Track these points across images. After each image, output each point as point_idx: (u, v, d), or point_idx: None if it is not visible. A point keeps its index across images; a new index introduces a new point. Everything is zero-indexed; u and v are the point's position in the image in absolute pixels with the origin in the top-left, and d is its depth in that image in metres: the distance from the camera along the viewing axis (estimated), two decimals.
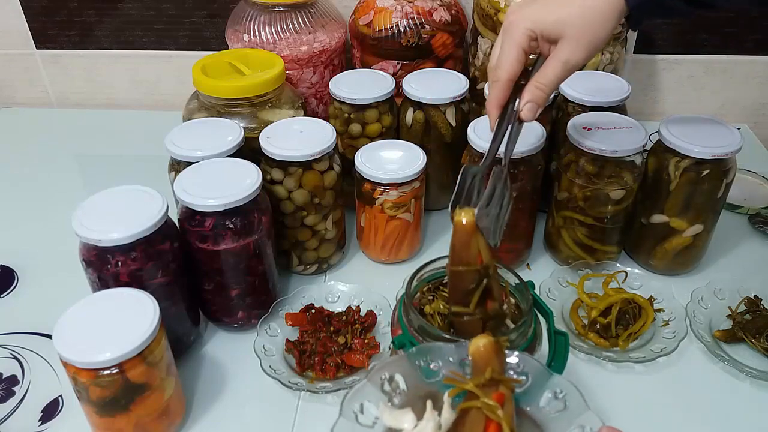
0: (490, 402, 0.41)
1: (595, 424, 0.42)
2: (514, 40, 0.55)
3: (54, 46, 1.11)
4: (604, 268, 0.74)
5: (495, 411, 0.40)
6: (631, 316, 0.67)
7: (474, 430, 0.40)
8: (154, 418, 0.55)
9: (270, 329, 0.67)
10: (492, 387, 0.42)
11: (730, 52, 1.03)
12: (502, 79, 0.55)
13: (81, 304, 0.55)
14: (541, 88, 0.55)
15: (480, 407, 0.41)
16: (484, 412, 0.40)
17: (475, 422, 0.40)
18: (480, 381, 0.42)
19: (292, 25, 0.87)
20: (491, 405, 0.40)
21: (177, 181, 0.63)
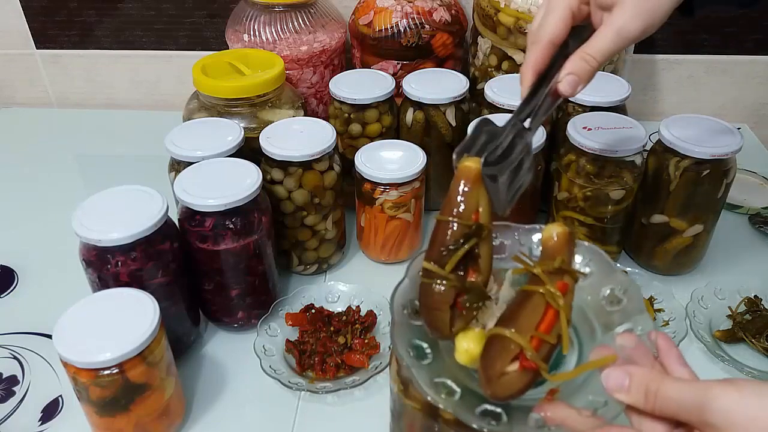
0: (553, 290, 0.41)
1: (647, 325, 0.43)
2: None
3: (54, 46, 1.11)
4: None
5: (557, 299, 0.40)
6: None
7: (533, 313, 0.41)
8: (154, 418, 0.55)
9: (270, 329, 0.67)
10: (558, 275, 0.42)
11: (730, 52, 1.03)
12: (543, 40, 0.49)
13: (81, 304, 0.55)
14: (588, 59, 0.48)
15: (542, 293, 0.41)
16: (546, 298, 0.41)
17: (535, 306, 0.41)
18: (548, 267, 0.42)
19: (292, 25, 0.87)
20: (554, 293, 0.41)
21: (177, 181, 0.63)
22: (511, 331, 0.40)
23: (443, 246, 0.42)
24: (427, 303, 0.42)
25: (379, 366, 0.62)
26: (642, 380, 0.38)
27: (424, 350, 0.43)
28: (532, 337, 0.40)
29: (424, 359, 0.43)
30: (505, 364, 0.39)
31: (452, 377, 0.42)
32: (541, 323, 0.40)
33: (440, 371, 0.42)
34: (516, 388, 0.39)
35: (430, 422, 0.47)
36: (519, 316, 0.41)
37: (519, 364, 0.39)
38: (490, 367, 0.39)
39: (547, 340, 0.40)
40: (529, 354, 0.39)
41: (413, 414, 0.48)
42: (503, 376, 0.39)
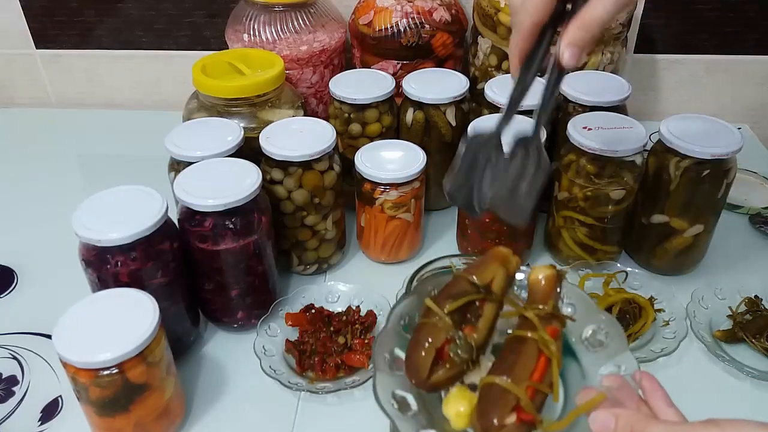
0: (547, 337, 0.41)
1: (631, 365, 0.43)
2: None
3: (54, 46, 1.11)
4: (605, 268, 0.74)
5: (549, 346, 0.40)
6: (632, 316, 0.67)
7: (527, 361, 0.40)
8: (154, 418, 0.55)
9: (270, 329, 0.67)
10: (547, 320, 0.42)
11: (730, 52, 1.03)
12: (526, 23, 0.46)
13: (81, 304, 0.55)
14: (586, 27, 0.44)
15: (536, 339, 0.41)
16: (539, 345, 0.41)
17: (528, 354, 0.41)
18: (540, 312, 0.42)
19: (292, 24, 0.87)
20: (547, 340, 0.40)
21: (177, 181, 0.63)
22: (507, 381, 0.39)
23: (450, 295, 0.44)
24: (415, 339, 0.42)
25: None
26: (627, 422, 0.38)
27: (407, 401, 0.43)
28: (527, 387, 0.40)
29: (407, 411, 0.42)
30: (504, 416, 0.39)
31: (438, 429, 0.42)
32: (534, 372, 0.40)
33: (425, 424, 0.42)
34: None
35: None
36: (514, 365, 0.40)
37: (516, 416, 0.39)
38: (487, 419, 0.39)
39: (541, 390, 0.40)
40: (525, 406, 0.39)
41: None
42: (502, 428, 0.38)
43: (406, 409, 0.42)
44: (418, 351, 0.41)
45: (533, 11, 0.46)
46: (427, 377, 0.41)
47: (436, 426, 0.41)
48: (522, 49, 0.47)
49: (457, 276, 0.45)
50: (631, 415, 0.38)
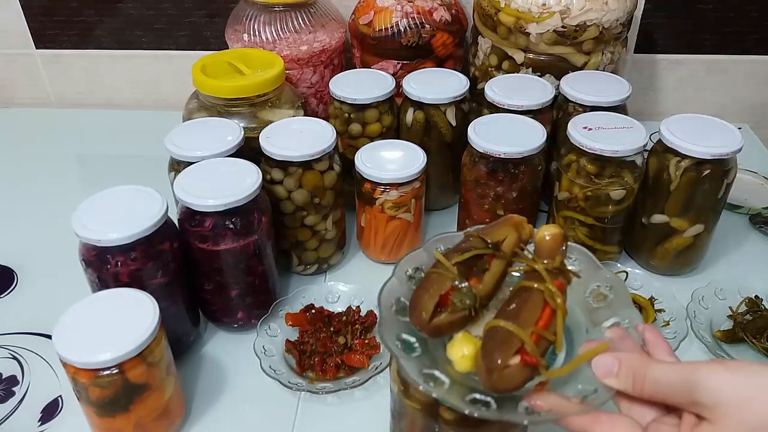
0: (553, 288, 0.42)
1: (634, 319, 0.44)
2: None
3: (54, 46, 1.11)
4: None
5: (555, 298, 0.41)
6: None
7: (532, 310, 0.41)
8: (154, 418, 0.55)
9: (270, 329, 0.67)
10: (554, 275, 0.43)
11: (730, 52, 1.03)
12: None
13: (81, 304, 0.55)
14: None
15: (542, 290, 0.42)
16: (545, 296, 0.41)
17: (534, 303, 0.41)
18: (548, 266, 0.43)
19: (292, 24, 0.87)
20: (553, 291, 0.41)
21: (177, 181, 0.63)
22: (513, 325, 0.40)
23: (459, 250, 0.45)
24: (421, 287, 0.44)
25: (380, 366, 0.62)
26: (630, 365, 0.39)
27: (412, 344, 0.43)
28: (532, 333, 0.40)
29: (412, 352, 0.43)
30: (508, 357, 0.39)
31: (441, 370, 0.42)
32: (539, 320, 0.41)
33: (429, 364, 0.42)
34: (516, 382, 0.39)
35: (430, 422, 0.47)
36: (519, 311, 0.41)
37: (520, 358, 0.39)
38: (491, 359, 0.39)
39: (545, 337, 0.40)
40: (529, 349, 0.39)
41: (413, 414, 0.48)
42: (505, 369, 0.39)
43: (411, 350, 0.43)
44: (422, 295, 0.43)
45: None
46: (430, 320, 0.42)
47: (440, 368, 0.42)
48: None
49: (469, 234, 0.46)
50: (634, 358, 0.39)
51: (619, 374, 0.39)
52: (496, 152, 0.69)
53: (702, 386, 0.36)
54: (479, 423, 0.47)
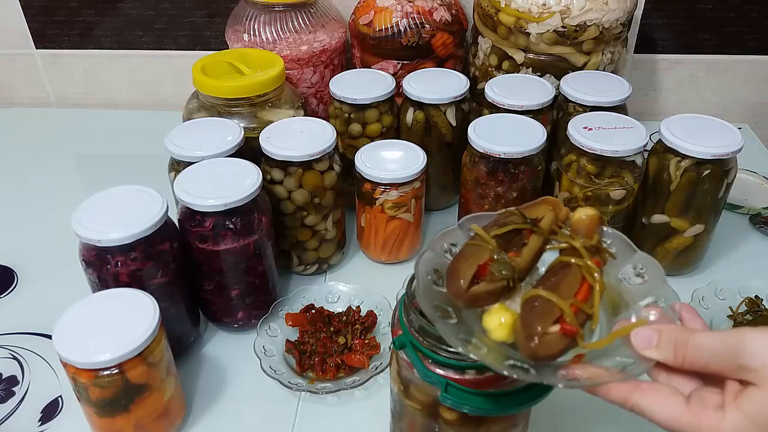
0: (591, 264, 0.42)
1: (670, 297, 0.44)
2: None
3: (54, 46, 1.11)
4: None
5: (593, 273, 0.42)
6: None
7: (571, 283, 0.41)
8: (154, 418, 0.55)
9: (270, 329, 0.67)
10: (591, 253, 0.43)
11: (730, 52, 1.03)
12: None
13: (81, 304, 0.55)
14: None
15: (580, 265, 0.42)
16: (583, 271, 0.42)
17: (573, 277, 0.42)
18: (586, 243, 0.44)
19: (292, 24, 0.87)
20: (591, 267, 0.42)
21: (177, 181, 0.63)
22: (553, 295, 0.40)
23: (497, 224, 0.45)
24: (459, 256, 0.43)
25: (380, 366, 0.62)
26: (671, 335, 0.39)
27: (449, 312, 0.43)
28: (571, 305, 0.40)
29: (449, 320, 0.42)
30: (548, 324, 0.39)
31: (477, 338, 0.42)
32: (577, 294, 0.41)
33: (465, 332, 0.42)
34: (554, 349, 0.39)
35: (431, 422, 0.47)
36: (559, 283, 0.41)
37: (560, 327, 0.39)
38: (532, 325, 0.39)
39: (584, 310, 0.41)
40: (569, 319, 0.39)
41: (413, 414, 0.48)
42: (545, 336, 0.39)
43: (448, 317, 0.42)
44: (461, 264, 0.42)
45: None
46: (467, 288, 0.41)
47: (476, 337, 0.42)
48: None
49: (507, 211, 0.47)
50: (674, 329, 0.39)
51: (659, 344, 0.39)
52: (496, 152, 0.69)
53: (748, 349, 0.36)
54: (479, 422, 0.47)
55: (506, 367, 0.38)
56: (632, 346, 0.40)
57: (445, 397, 0.43)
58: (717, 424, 0.36)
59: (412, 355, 0.45)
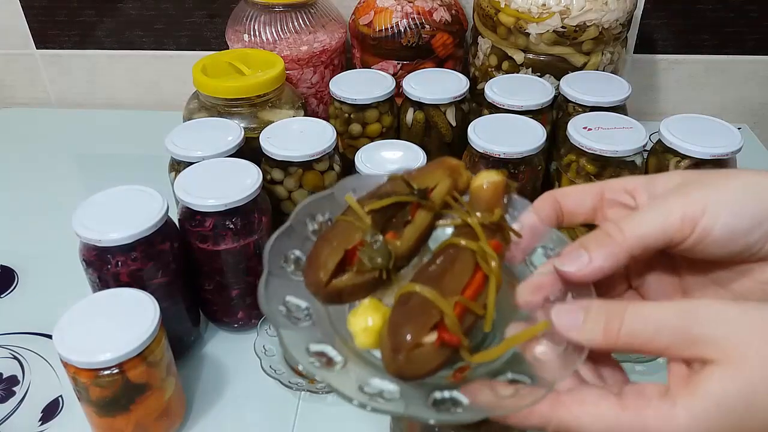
0: (488, 249, 0.33)
1: (558, 243, 0.38)
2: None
3: (54, 46, 1.11)
4: None
5: (489, 260, 0.33)
6: None
7: (459, 274, 0.32)
8: (155, 418, 0.55)
9: (270, 329, 0.67)
10: (491, 232, 0.34)
11: (730, 52, 1.03)
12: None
13: (81, 304, 0.55)
14: None
15: (474, 250, 0.33)
16: (477, 257, 0.33)
17: (462, 265, 0.33)
18: (484, 220, 0.34)
19: (293, 25, 0.87)
20: (488, 253, 0.33)
21: (177, 181, 0.63)
22: (433, 291, 0.31)
23: (377, 195, 0.35)
24: (322, 237, 0.34)
25: None
26: (600, 310, 0.30)
27: (302, 310, 0.34)
28: (456, 303, 0.31)
29: (301, 322, 0.34)
30: (422, 333, 0.30)
31: (336, 347, 0.33)
32: (467, 288, 0.32)
33: (320, 338, 0.33)
34: (428, 366, 0.31)
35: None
36: (443, 275, 0.32)
37: (437, 336, 0.31)
38: (399, 334, 0.30)
39: (473, 310, 0.32)
40: (450, 324, 0.31)
41: None
42: (416, 348, 0.30)
43: (300, 319, 0.34)
44: (323, 249, 0.33)
45: None
46: (328, 281, 0.33)
47: (336, 345, 0.33)
48: None
49: (393, 177, 0.37)
50: (603, 303, 0.31)
51: (587, 320, 0.30)
52: (496, 152, 0.69)
53: (702, 315, 0.28)
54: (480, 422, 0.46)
55: (359, 393, 0.30)
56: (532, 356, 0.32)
57: None
58: (666, 416, 0.28)
59: None
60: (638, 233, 0.31)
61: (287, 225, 0.37)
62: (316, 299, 0.34)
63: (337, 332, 0.35)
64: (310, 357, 0.32)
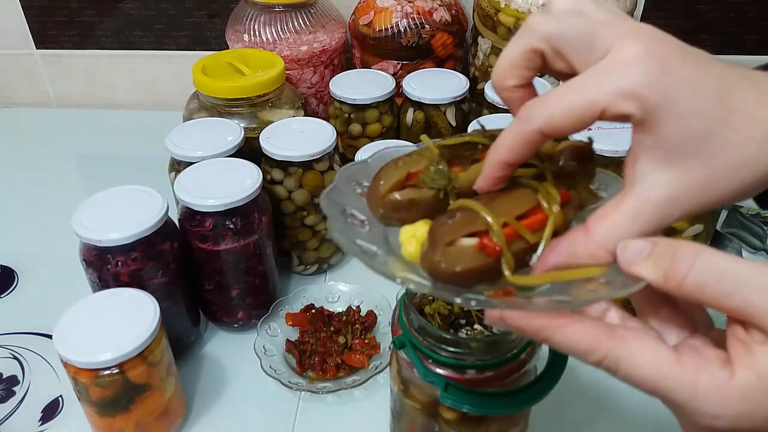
0: (553, 192, 0.32)
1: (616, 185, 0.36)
2: None
3: (54, 46, 1.11)
4: None
5: (551, 203, 0.32)
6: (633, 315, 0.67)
7: (516, 204, 0.32)
8: (155, 418, 0.55)
9: (270, 329, 0.67)
10: (561, 183, 0.33)
11: (730, 52, 1.03)
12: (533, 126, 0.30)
13: (81, 304, 0.55)
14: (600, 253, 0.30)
15: (537, 189, 0.32)
16: (540, 197, 0.32)
17: (519, 197, 0.32)
18: (559, 171, 0.33)
19: (292, 25, 0.87)
20: (551, 195, 0.32)
21: (177, 181, 0.63)
22: (479, 204, 0.31)
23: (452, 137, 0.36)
24: (392, 160, 0.35)
25: (380, 366, 0.62)
26: (669, 247, 0.28)
27: (359, 218, 0.35)
28: (506, 224, 0.30)
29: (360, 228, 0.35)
30: (459, 233, 0.30)
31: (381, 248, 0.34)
32: (522, 218, 0.31)
33: (369, 239, 0.34)
34: (463, 265, 0.30)
35: (431, 422, 0.47)
36: (496, 198, 0.32)
37: (478, 241, 0.30)
38: (438, 232, 0.30)
39: (523, 236, 0.31)
40: (495, 234, 0.30)
41: (413, 414, 0.48)
42: (452, 245, 0.30)
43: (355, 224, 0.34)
44: (389, 167, 0.34)
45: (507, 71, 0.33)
46: (386, 192, 0.33)
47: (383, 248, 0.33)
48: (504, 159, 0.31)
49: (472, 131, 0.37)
50: (674, 242, 0.28)
51: (652, 256, 0.28)
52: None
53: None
54: (479, 422, 0.47)
55: (401, 277, 0.30)
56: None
57: (445, 396, 0.43)
58: (722, 384, 0.26)
59: (411, 354, 0.45)
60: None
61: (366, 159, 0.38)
62: (373, 213, 0.34)
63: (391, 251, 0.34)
64: (353, 244, 0.32)
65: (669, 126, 0.28)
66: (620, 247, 0.29)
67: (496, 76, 0.34)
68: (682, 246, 0.28)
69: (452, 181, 0.33)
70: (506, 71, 0.33)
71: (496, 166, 0.31)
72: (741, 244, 0.78)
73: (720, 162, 0.28)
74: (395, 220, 0.34)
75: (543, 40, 0.31)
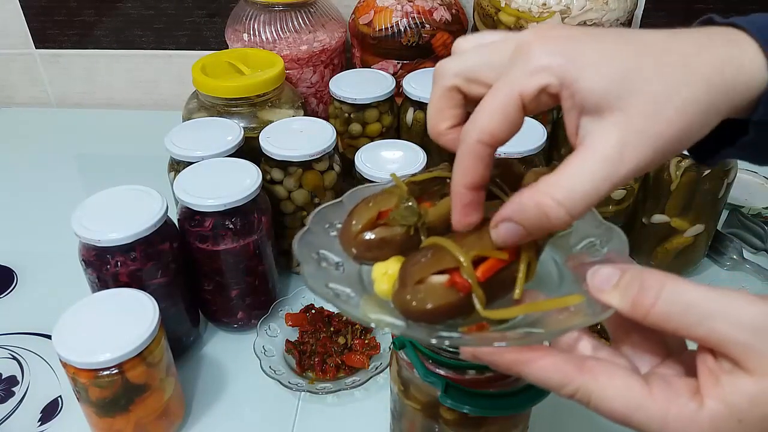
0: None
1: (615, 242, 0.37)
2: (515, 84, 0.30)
3: (54, 45, 1.11)
4: None
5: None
6: None
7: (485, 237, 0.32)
8: (154, 418, 0.55)
9: (270, 330, 0.67)
10: None
11: None
12: (471, 140, 0.31)
13: (81, 304, 0.55)
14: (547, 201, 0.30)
15: None
16: None
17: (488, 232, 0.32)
18: None
19: (292, 24, 0.87)
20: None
21: (177, 181, 0.63)
22: (448, 241, 0.31)
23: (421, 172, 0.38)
24: (363, 200, 0.36)
25: (380, 366, 0.62)
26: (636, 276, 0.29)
27: (333, 261, 0.36)
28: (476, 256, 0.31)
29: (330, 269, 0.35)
30: (428, 271, 0.31)
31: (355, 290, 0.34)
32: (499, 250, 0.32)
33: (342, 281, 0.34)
34: (434, 302, 0.30)
35: (430, 423, 0.47)
36: (469, 235, 0.32)
37: (448, 277, 0.30)
38: (409, 271, 0.31)
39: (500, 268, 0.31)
40: (465, 270, 0.30)
41: (413, 414, 0.48)
42: (422, 282, 0.30)
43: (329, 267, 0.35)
44: (361, 207, 0.35)
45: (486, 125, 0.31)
46: (358, 233, 0.34)
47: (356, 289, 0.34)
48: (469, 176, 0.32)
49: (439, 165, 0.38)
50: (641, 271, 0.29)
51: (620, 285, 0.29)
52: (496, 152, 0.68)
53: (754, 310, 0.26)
54: (479, 422, 0.47)
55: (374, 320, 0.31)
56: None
57: (445, 397, 0.43)
58: (691, 415, 0.27)
59: (412, 355, 0.45)
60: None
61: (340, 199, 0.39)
62: (347, 253, 0.35)
63: (365, 290, 0.35)
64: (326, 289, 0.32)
65: (586, 78, 0.29)
66: (590, 273, 0.31)
67: (430, 127, 0.35)
68: (650, 275, 0.28)
69: (422, 217, 0.34)
70: (435, 117, 0.35)
71: (459, 194, 0.32)
72: (742, 245, 0.78)
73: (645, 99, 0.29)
74: (368, 259, 0.35)
75: (454, 77, 0.33)
